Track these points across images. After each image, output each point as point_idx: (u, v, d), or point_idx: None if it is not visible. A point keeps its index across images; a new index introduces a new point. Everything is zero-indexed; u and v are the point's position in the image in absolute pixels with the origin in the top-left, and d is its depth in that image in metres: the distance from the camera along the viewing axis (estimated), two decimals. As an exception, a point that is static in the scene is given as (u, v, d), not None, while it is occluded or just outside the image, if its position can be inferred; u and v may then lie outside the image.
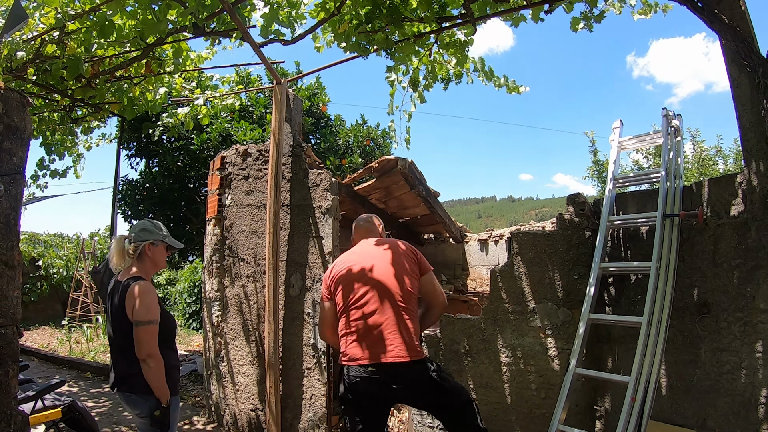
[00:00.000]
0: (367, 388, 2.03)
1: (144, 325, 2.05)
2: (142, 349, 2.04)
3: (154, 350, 2.06)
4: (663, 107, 3.01)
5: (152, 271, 2.32)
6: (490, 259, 6.02)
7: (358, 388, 2.04)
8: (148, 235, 2.28)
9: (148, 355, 2.04)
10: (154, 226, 2.34)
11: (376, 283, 2.13)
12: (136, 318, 2.06)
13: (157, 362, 2.06)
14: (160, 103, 4.02)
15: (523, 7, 2.67)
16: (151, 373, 2.05)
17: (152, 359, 2.05)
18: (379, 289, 2.12)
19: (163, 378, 2.08)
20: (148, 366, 2.04)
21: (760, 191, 2.22)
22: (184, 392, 4.86)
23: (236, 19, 2.54)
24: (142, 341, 2.04)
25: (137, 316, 2.05)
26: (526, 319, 2.83)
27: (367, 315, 2.09)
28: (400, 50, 2.88)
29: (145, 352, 2.04)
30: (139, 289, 2.09)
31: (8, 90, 1.56)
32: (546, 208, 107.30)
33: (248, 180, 3.88)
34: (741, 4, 2.31)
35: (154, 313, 2.10)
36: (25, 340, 7.42)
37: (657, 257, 2.40)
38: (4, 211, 1.50)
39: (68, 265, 10.31)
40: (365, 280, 2.15)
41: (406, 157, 4.53)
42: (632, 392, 2.22)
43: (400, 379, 2.01)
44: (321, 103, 6.76)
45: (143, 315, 2.06)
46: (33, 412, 2.61)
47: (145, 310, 2.06)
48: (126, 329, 2.09)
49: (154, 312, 2.10)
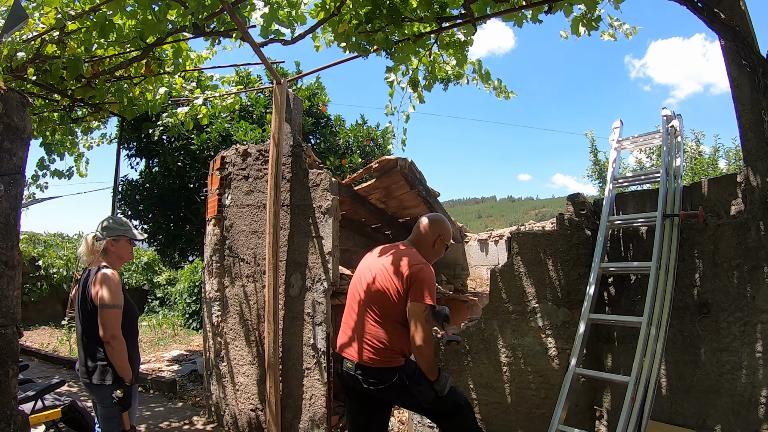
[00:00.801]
0: (349, 382, 2.23)
1: (108, 308, 2.18)
2: (107, 331, 2.16)
3: (117, 333, 2.18)
4: (663, 107, 3.01)
5: (117, 263, 2.45)
6: (490, 259, 6.02)
7: (345, 380, 2.26)
8: (110, 232, 2.42)
9: (111, 337, 2.16)
10: (116, 222, 2.48)
11: (369, 291, 2.27)
12: (100, 302, 2.18)
13: (120, 344, 2.18)
14: (160, 103, 4.01)
15: (523, 7, 2.67)
16: (115, 353, 2.17)
17: (115, 341, 2.17)
18: (368, 298, 2.26)
19: (125, 358, 2.21)
20: (111, 347, 2.17)
21: (760, 191, 2.22)
22: (184, 392, 4.86)
23: (236, 19, 2.53)
24: (106, 324, 2.16)
25: (101, 300, 2.18)
26: (526, 319, 2.83)
27: (354, 317, 2.29)
28: (400, 50, 2.88)
29: (109, 334, 2.16)
30: (102, 276, 2.23)
31: (8, 90, 1.56)
32: (546, 208, 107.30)
33: (248, 180, 3.88)
34: (741, 4, 2.30)
35: (118, 298, 2.23)
36: (25, 340, 7.42)
37: (657, 257, 2.40)
38: (4, 211, 1.50)
39: (68, 265, 10.30)
40: (362, 286, 2.31)
41: (406, 157, 4.53)
42: (632, 392, 2.22)
43: (372, 380, 2.16)
44: (321, 103, 6.76)
45: (107, 299, 2.18)
46: (33, 412, 2.61)
47: (109, 294, 2.19)
48: (91, 315, 2.22)
49: (117, 297, 2.22)
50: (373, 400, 2.26)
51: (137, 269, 11.96)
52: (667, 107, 2.99)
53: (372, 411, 2.29)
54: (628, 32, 3.48)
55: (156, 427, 3.92)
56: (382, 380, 2.15)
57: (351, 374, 2.20)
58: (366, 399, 2.26)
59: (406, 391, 2.15)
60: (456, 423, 2.20)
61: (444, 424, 2.25)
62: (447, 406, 2.20)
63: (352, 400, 2.32)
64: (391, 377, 2.15)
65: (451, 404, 2.21)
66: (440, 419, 2.25)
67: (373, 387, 2.15)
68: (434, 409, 2.20)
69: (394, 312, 2.18)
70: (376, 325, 2.19)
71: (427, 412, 2.26)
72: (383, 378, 2.15)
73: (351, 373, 2.19)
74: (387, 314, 2.19)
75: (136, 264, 12.03)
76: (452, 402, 2.21)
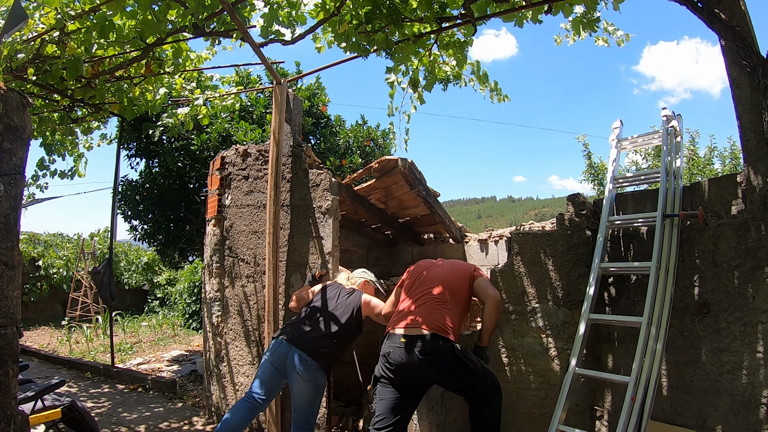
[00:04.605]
0: (397, 358, 2.40)
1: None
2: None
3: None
4: (663, 107, 3.01)
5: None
6: (490, 259, 6.02)
7: (391, 358, 2.42)
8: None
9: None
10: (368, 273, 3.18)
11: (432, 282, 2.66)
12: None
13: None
14: (160, 103, 4.02)
15: (523, 7, 2.67)
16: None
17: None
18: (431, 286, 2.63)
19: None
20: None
21: (760, 191, 2.22)
22: (184, 392, 4.86)
23: (236, 19, 2.54)
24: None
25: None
26: (526, 319, 2.83)
27: (416, 300, 2.60)
28: (400, 50, 2.88)
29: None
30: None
31: (8, 90, 1.56)
32: (546, 208, 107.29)
33: (248, 180, 3.88)
34: (741, 4, 2.30)
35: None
36: (25, 340, 7.42)
37: (657, 257, 2.40)
38: (4, 211, 1.50)
39: (68, 265, 10.30)
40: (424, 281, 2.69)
41: (406, 157, 4.53)
42: (632, 392, 2.22)
43: (426, 350, 2.34)
44: (321, 103, 6.75)
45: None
46: (33, 412, 2.61)
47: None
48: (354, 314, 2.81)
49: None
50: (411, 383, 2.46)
51: (137, 269, 11.96)
52: (666, 107, 2.99)
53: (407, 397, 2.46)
54: (620, 40, 3.51)
55: (156, 427, 3.92)
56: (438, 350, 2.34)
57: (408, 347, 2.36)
58: (405, 383, 2.44)
59: (459, 363, 2.35)
60: (493, 402, 2.44)
61: (480, 403, 2.45)
62: (487, 384, 2.43)
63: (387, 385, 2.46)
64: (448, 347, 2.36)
65: (491, 383, 2.46)
66: (479, 398, 2.45)
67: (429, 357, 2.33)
68: (477, 386, 2.41)
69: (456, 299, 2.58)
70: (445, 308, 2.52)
71: (469, 390, 2.45)
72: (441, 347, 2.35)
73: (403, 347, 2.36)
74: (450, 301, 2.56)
75: (136, 264, 12.02)
76: (491, 381, 2.47)
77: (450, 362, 2.36)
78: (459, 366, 2.36)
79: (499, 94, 3.91)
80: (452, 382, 2.46)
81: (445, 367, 2.37)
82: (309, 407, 2.59)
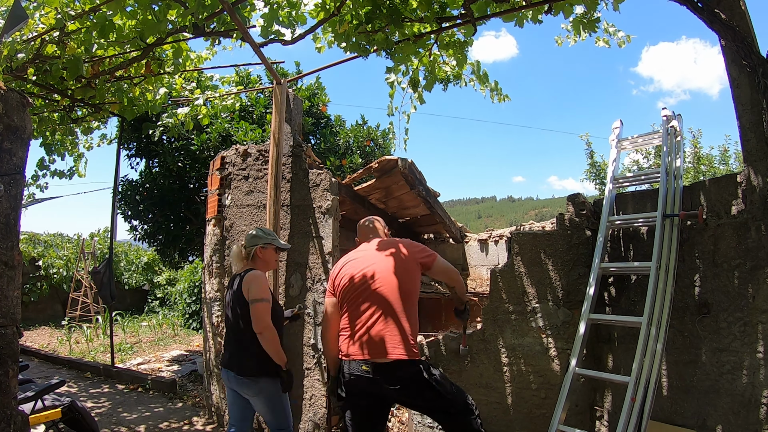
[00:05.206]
0: (362, 386, 2.13)
1: (258, 302, 2.42)
2: (259, 323, 2.39)
3: (268, 323, 2.41)
4: (663, 107, 3.01)
5: (263, 269, 2.66)
6: (490, 259, 6.03)
7: (354, 385, 2.15)
8: (259, 240, 2.64)
9: (264, 327, 2.39)
10: (264, 232, 2.70)
11: (377, 284, 2.22)
12: (252, 297, 2.43)
13: (272, 333, 2.42)
14: (160, 103, 4.01)
15: (523, 7, 2.67)
16: (268, 342, 2.40)
17: (267, 330, 2.40)
18: (378, 291, 2.20)
19: (278, 345, 2.44)
20: (264, 337, 2.39)
21: (760, 191, 2.22)
22: (184, 392, 4.86)
23: (236, 19, 2.54)
24: (257, 316, 2.40)
25: (253, 295, 2.43)
26: (526, 319, 2.83)
27: (366, 315, 2.18)
28: (400, 50, 2.88)
29: (262, 325, 2.39)
30: (252, 275, 2.50)
31: (8, 90, 1.56)
32: (546, 208, 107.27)
33: (248, 180, 3.88)
34: (741, 4, 2.31)
35: (266, 293, 2.47)
36: (25, 340, 7.42)
37: (657, 257, 2.40)
38: (4, 211, 1.50)
39: (68, 265, 10.31)
40: (366, 282, 2.24)
41: (406, 157, 4.54)
42: (632, 392, 2.22)
43: (394, 378, 2.08)
44: (321, 103, 6.76)
45: (257, 294, 2.43)
46: (33, 412, 2.61)
47: (259, 290, 2.44)
48: (244, 313, 2.46)
49: (266, 292, 2.47)
50: (384, 402, 2.21)
51: (137, 269, 11.96)
52: (666, 107, 2.99)
53: (375, 416, 2.22)
54: (621, 41, 3.50)
55: (156, 427, 3.92)
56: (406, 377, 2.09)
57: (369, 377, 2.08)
58: (381, 403, 2.19)
59: (428, 385, 2.11)
60: (465, 423, 2.16)
61: (452, 424, 2.18)
62: (459, 404, 2.16)
63: (356, 408, 2.20)
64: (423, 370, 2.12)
65: (462, 403, 2.18)
66: (450, 419, 2.18)
67: (395, 385, 2.07)
68: (448, 407, 2.15)
69: (413, 298, 2.25)
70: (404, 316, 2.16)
71: (439, 411, 2.18)
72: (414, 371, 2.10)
73: (369, 375, 2.09)
74: (409, 301, 2.21)
75: (136, 264, 12.03)
76: (462, 400, 2.19)
77: (419, 386, 2.12)
78: (427, 388, 2.13)
79: (500, 94, 3.91)
80: (420, 402, 2.22)
81: (414, 392, 2.13)
82: (272, 414, 2.52)
